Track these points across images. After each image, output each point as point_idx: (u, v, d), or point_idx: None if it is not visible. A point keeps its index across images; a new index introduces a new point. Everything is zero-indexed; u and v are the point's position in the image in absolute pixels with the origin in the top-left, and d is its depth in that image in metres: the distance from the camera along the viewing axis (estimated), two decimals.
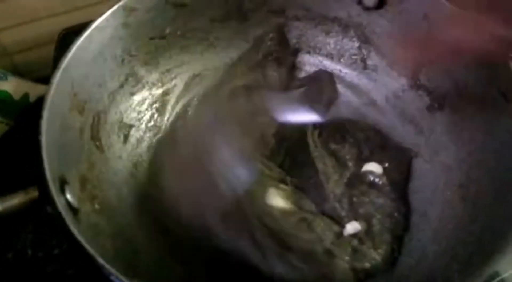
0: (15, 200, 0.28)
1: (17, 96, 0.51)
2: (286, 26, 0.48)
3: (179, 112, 0.46)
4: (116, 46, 0.40)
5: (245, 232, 0.36)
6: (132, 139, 0.42)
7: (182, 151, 0.42)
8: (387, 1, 0.42)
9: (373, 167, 0.41)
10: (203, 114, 0.45)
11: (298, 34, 0.49)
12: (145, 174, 0.41)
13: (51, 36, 0.53)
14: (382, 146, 0.43)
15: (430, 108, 0.42)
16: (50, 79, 0.34)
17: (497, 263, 0.27)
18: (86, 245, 0.26)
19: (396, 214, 0.38)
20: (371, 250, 0.36)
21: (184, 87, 0.47)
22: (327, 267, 0.35)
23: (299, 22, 0.48)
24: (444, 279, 0.30)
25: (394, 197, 0.39)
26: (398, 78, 0.45)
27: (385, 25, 0.44)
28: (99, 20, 0.38)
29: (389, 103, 0.46)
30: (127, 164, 0.41)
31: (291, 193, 0.40)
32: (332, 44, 0.48)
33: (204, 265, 0.35)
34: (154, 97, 0.45)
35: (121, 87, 0.42)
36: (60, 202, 0.28)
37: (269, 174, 0.41)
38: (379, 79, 0.46)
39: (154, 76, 0.45)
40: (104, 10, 0.38)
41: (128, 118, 0.43)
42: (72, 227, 0.26)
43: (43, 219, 0.43)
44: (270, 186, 0.40)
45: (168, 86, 0.46)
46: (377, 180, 0.40)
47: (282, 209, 0.39)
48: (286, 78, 0.48)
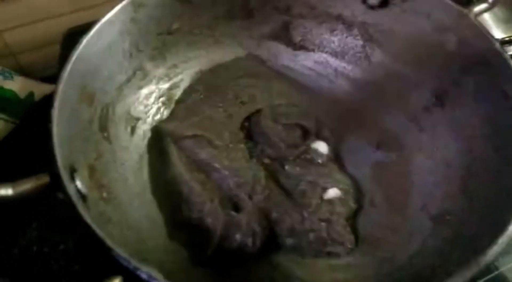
0: (27, 185, 0.29)
1: (23, 95, 0.52)
2: (291, 23, 0.49)
3: None
4: (125, 40, 0.41)
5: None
6: (139, 131, 0.43)
7: None
8: (391, 0, 0.43)
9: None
10: None
11: (303, 31, 0.49)
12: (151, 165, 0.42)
13: (56, 36, 0.54)
14: None
15: (432, 105, 0.43)
16: (60, 72, 0.34)
17: (494, 255, 0.28)
18: (97, 229, 0.26)
19: None
20: None
21: (190, 82, 0.47)
22: None
23: (304, 19, 0.49)
24: (443, 269, 0.31)
25: None
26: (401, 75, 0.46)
27: (389, 23, 0.45)
28: (109, 15, 0.38)
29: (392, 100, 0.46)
30: (134, 155, 0.41)
31: None
32: (337, 42, 0.49)
33: (208, 248, 0.36)
34: (161, 91, 0.46)
35: (129, 80, 0.43)
36: (71, 189, 0.28)
37: None
38: (383, 76, 0.47)
39: (161, 71, 0.46)
40: (108, 10, 0.39)
41: (136, 111, 0.44)
42: (83, 212, 0.27)
43: (48, 215, 0.44)
44: None
45: (175, 80, 0.47)
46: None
47: None
48: None
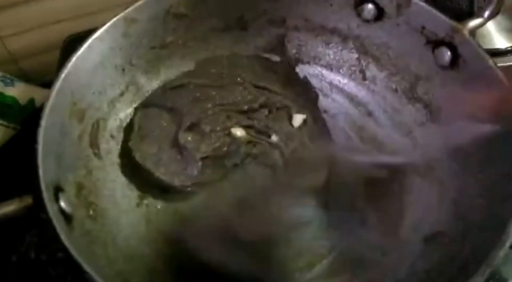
0: (10, 207, 0.29)
1: (23, 101, 0.53)
2: (286, 36, 0.49)
3: None
4: (117, 56, 0.41)
5: None
6: None
7: None
8: (386, 14, 0.43)
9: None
10: None
11: (298, 44, 0.49)
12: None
13: (58, 42, 0.54)
14: None
15: (427, 121, 0.42)
16: (50, 89, 0.35)
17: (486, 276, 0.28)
18: (74, 253, 0.26)
19: None
20: None
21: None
22: None
23: (299, 32, 0.48)
24: None
25: None
26: (396, 90, 0.45)
27: (384, 37, 0.44)
28: (100, 31, 0.39)
29: (387, 115, 0.46)
30: None
31: None
32: (332, 55, 0.48)
33: (197, 277, 0.36)
34: None
35: (122, 95, 0.43)
36: (53, 210, 0.29)
37: None
38: (378, 90, 0.47)
39: (155, 84, 0.46)
40: (110, 16, 0.39)
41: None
42: (62, 235, 0.27)
43: (47, 223, 0.44)
44: None
45: None
46: None
47: None
48: None
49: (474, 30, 0.38)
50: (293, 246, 0.38)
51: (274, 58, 0.49)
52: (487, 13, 0.38)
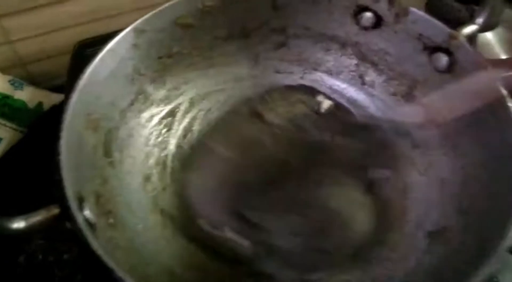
0: (38, 217, 0.30)
1: (32, 105, 0.54)
2: (287, 43, 0.50)
3: (186, 126, 0.48)
4: (127, 66, 0.42)
5: None
6: (142, 154, 0.44)
7: None
8: (384, 22, 0.45)
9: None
10: None
11: (298, 51, 0.51)
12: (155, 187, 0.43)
13: (67, 47, 0.55)
14: None
15: (425, 123, 0.44)
16: (67, 101, 0.36)
17: (486, 274, 0.29)
18: (107, 260, 0.28)
19: None
20: None
21: (190, 103, 0.49)
22: None
23: (299, 40, 0.50)
24: None
25: None
26: (395, 94, 0.47)
27: (382, 43, 0.46)
28: (111, 43, 0.40)
29: (386, 117, 0.48)
30: (137, 178, 0.42)
31: None
32: (331, 61, 0.50)
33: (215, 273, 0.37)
34: (162, 113, 0.47)
35: (132, 104, 0.44)
36: (80, 219, 0.30)
37: None
38: (377, 94, 0.49)
39: (162, 93, 0.47)
40: (119, 22, 0.40)
41: (138, 134, 0.45)
42: (93, 243, 0.28)
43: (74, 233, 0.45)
44: None
45: (175, 102, 0.48)
46: None
47: None
48: None
49: (471, 36, 0.40)
50: None
51: None
52: (481, 20, 0.41)
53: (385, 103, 0.48)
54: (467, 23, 0.41)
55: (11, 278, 0.43)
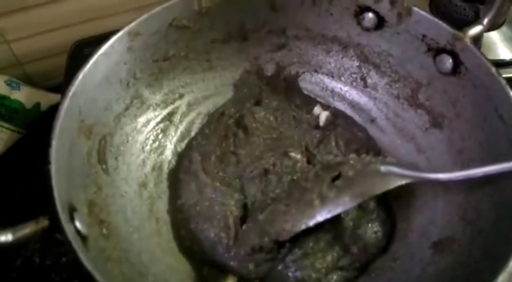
0: (26, 230, 0.29)
1: (29, 105, 0.53)
2: (287, 45, 0.49)
3: (183, 132, 0.47)
4: (121, 70, 0.41)
5: None
6: (138, 161, 0.43)
7: None
8: (386, 22, 0.43)
9: None
10: None
11: (299, 53, 0.50)
12: (151, 194, 0.42)
13: (63, 46, 0.55)
14: None
15: (430, 127, 0.43)
16: (58, 107, 0.35)
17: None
18: (95, 274, 0.26)
19: None
20: None
21: (187, 107, 0.47)
22: None
23: (300, 41, 0.49)
24: None
25: None
26: (398, 97, 0.46)
27: (384, 45, 0.45)
28: (105, 46, 0.39)
29: (390, 121, 0.46)
30: (133, 186, 0.41)
31: None
32: (333, 63, 0.49)
33: None
34: (159, 118, 0.46)
35: (127, 109, 0.43)
36: (70, 231, 0.29)
37: None
38: (379, 97, 0.47)
39: (158, 97, 0.46)
40: (116, 22, 0.39)
41: (134, 139, 0.44)
42: (81, 256, 0.27)
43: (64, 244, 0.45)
44: None
45: (172, 107, 0.47)
46: None
47: None
48: None
49: (476, 37, 0.38)
50: None
51: None
52: (486, 20, 0.39)
53: (388, 106, 0.47)
54: (473, 23, 0.40)
55: None
